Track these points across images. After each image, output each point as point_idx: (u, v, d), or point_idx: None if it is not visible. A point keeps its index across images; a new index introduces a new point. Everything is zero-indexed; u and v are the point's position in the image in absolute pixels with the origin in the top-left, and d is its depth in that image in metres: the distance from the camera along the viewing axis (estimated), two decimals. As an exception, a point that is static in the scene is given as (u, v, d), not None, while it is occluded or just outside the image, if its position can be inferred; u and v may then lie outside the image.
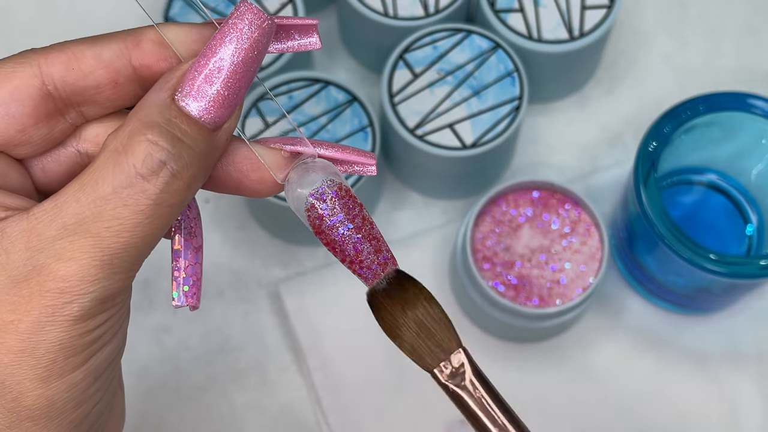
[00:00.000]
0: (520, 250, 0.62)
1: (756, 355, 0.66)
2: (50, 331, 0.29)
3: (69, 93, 0.32)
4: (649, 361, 0.65)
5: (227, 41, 0.30)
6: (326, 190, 0.33)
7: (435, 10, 0.65)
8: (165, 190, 0.29)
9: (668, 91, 0.72)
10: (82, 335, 0.30)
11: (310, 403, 0.65)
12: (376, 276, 0.34)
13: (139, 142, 0.29)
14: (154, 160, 0.29)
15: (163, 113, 0.30)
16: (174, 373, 0.65)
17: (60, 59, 0.31)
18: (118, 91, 0.32)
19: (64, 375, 0.30)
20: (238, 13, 0.31)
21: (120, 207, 0.29)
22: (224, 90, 0.31)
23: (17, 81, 0.31)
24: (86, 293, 0.29)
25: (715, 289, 0.61)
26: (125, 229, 0.29)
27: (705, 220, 0.65)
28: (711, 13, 0.75)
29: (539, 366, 0.65)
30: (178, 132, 0.30)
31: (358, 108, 0.63)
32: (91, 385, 0.31)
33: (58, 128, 0.33)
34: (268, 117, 0.62)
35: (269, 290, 0.67)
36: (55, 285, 0.29)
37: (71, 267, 0.29)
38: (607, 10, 0.65)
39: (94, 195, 0.29)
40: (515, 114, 0.62)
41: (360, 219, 0.33)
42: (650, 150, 0.57)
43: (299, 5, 0.65)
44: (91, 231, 0.29)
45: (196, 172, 0.30)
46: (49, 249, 0.29)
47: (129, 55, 0.32)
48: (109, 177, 0.29)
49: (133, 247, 0.29)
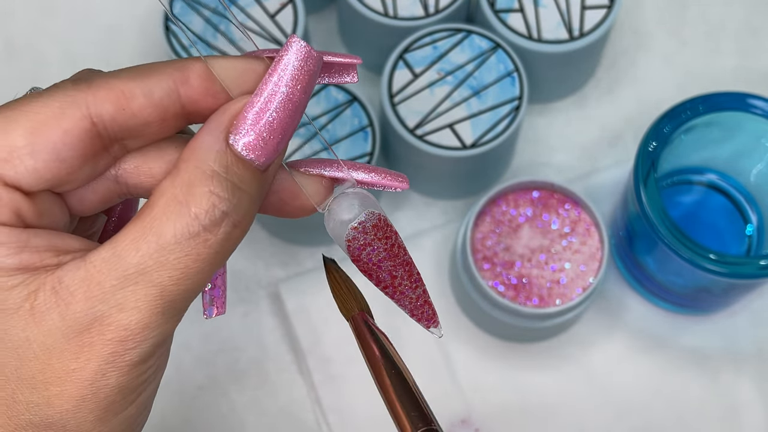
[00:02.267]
0: (520, 250, 0.62)
1: (756, 355, 0.66)
2: (110, 378, 0.29)
3: (117, 131, 0.31)
4: (649, 361, 0.65)
5: (279, 82, 0.30)
6: (366, 222, 0.34)
7: (435, 10, 0.65)
8: (227, 239, 0.30)
9: (668, 91, 0.72)
10: (139, 376, 0.30)
11: (310, 403, 0.65)
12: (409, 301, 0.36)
13: (202, 194, 0.29)
14: (217, 212, 0.30)
15: (221, 161, 0.30)
16: (174, 373, 0.65)
17: (109, 99, 0.30)
18: (165, 126, 0.32)
19: (120, 412, 0.30)
20: (291, 52, 0.30)
21: (183, 257, 0.29)
22: (277, 132, 0.31)
23: (67, 124, 0.30)
24: (147, 339, 0.30)
25: (715, 289, 0.61)
26: (187, 277, 0.30)
27: (705, 220, 0.65)
28: (711, 13, 0.75)
29: (539, 366, 0.65)
30: (236, 179, 0.30)
31: (358, 108, 0.63)
32: (140, 414, 0.32)
33: (102, 164, 0.32)
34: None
35: (269, 290, 0.67)
36: (117, 334, 0.29)
37: (134, 316, 0.29)
38: (607, 10, 0.65)
39: (156, 245, 0.29)
40: (515, 114, 0.62)
41: (396, 248, 0.35)
42: (650, 150, 0.57)
43: (299, 5, 0.65)
44: (153, 281, 0.29)
45: (252, 215, 0.31)
46: (110, 299, 0.29)
47: (178, 93, 0.31)
48: (171, 227, 0.29)
49: (192, 291, 0.30)
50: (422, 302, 0.36)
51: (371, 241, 0.34)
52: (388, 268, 0.35)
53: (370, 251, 0.34)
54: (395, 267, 0.35)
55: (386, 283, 0.35)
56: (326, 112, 0.63)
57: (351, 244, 0.34)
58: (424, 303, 0.36)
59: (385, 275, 0.35)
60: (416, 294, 0.36)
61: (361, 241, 0.34)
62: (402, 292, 0.36)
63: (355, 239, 0.34)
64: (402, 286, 0.35)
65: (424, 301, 0.36)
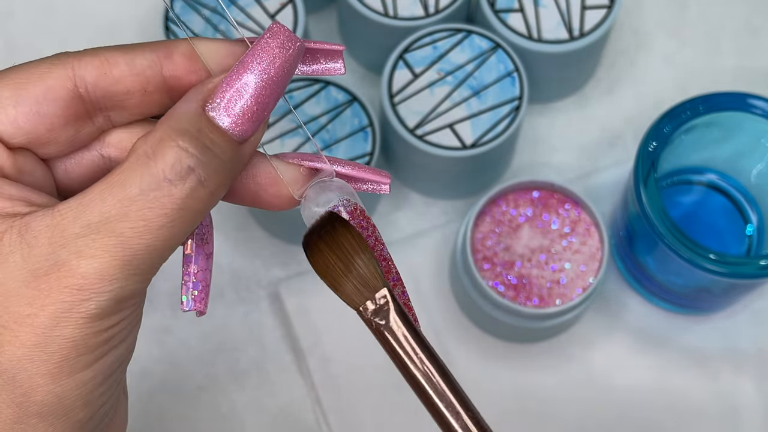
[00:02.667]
0: (520, 250, 0.62)
1: (756, 355, 0.66)
2: (65, 327, 0.29)
3: (99, 97, 0.33)
4: (649, 361, 0.65)
5: (259, 59, 0.31)
6: (341, 210, 0.33)
7: (435, 10, 0.65)
8: (191, 195, 0.30)
9: (668, 91, 0.72)
10: (96, 334, 0.30)
11: (310, 403, 0.65)
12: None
13: (169, 147, 0.30)
14: (183, 166, 0.30)
15: (193, 122, 0.31)
16: (174, 373, 0.65)
17: (93, 63, 0.32)
18: (147, 99, 0.33)
19: (74, 373, 0.30)
20: (271, 34, 0.32)
21: (146, 209, 0.29)
22: (253, 105, 0.32)
23: (51, 81, 0.32)
24: (104, 292, 0.29)
25: (715, 289, 0.61)
26: (148, 230, 0.30)
27: (705, 220, 0.65)
28: (711, 13, 0.75)
29: (539, 366, 0.65)
30: (207, 141, 0.31)
31: (358, 108, 0.63)
32: (100, 385, 0.31)
33: (84, 131, 0.33)
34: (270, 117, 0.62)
35: (269, 290, 0.67)
36: (74, 281, 0.29)
37: (92, 264, 0.29)
38: (607, 10, 0.65)
39: (121, 195, 0.30)
40: (515, 114, 0.62)
41: (372, 240, 0.34)
42: (650, 150, 0.57)
43: (299, 5, 0.65)
44: (114, 230, 0.29)
45: (221, 181, 0.31)
46: (71, 245, 0.29)
47: (160, 65, 0.33)
48: (137, 179, 0.30)
49: (153, 249, 0.30)
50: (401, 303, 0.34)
51: None
52: None
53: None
54: None
55: None
56: (326, 112, 0.63)
57: None
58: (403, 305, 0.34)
59: None
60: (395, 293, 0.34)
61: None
62: None
63: None
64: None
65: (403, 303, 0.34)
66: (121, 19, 0.74)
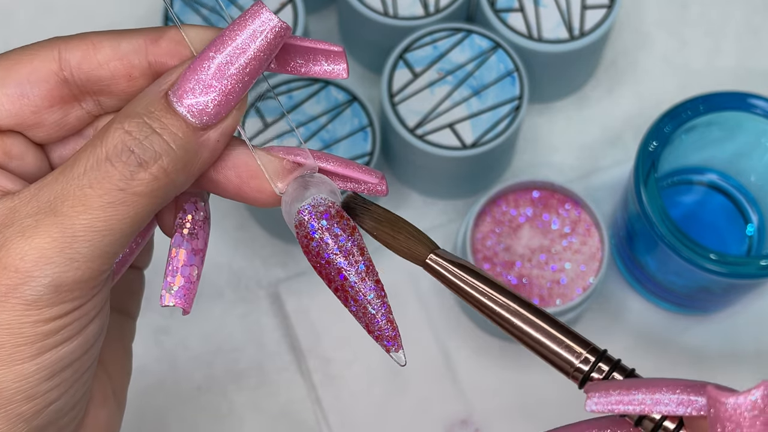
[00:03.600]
0: (520, 250, 0.62)
1: (755, 355, 0.66)
2: (1, 312, 0.29)
3: (84, 80, 0.32)
4: (649, 361, 0.65)
5: (225, 43, 0.31)
6: (317, 208, 0.32)
7: (435, 9, 0.65)
8: (130, 177, 0.30)
9: (668, 91, 0.72)
10: (35, 324, 0.29)
11: (310, 403, 0.65)
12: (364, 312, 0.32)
13: (115, 129, 0.30)
14: (123, 148, 0.30)
15: (147, 106, 0.31)
16: (173, 373, 0.65)
17: (79, 47, 0.32)
18: (133, 84, 0.33)
19: (11, 364, 0.29)
20: (247, 14, 0.31)
21: (86, 187, 0.29)
22: (219, 90, 0.30)
23: (36, 63, 0.32)
24: (40, 276, 0.29)
25: (715, 289, 0.61)
26: (87, 209, 0.29)
27: (705, 220, 0.65)
28: (711, 13, 0.75)
29: (539, 366, 0.65)
30: (156, 125, 0.30)
31: (358, 108, 0.63)
32: (45, 381, 0.30)
33: (73, 114, 0.33)
34: (267, 117, 0.62)
35: (269, 290, 0.67)
36: (12, 263, 0.29)
37: (29, 245, 0.29)
38: (607, 10, 0.65)
39: (69, 175, 0.30)
40: (515, 114, 0.62)
41: (351, 245, 0.31)
42: (650, 150, 0.57)
43: (299, 5, 0.65)
44: (56, 210, 0.29)
45: (167, 165, 0.30)
46: (17, 225, 0.29)
47: (146, 51, 0.32)
48: (83, 160, 0.30)
49: (94, 231, 0.29)
50: (381, 317, 0.32)
51: (322, 231, 0.31)
52: (340, 266, 0.31)
53: (320, 242, 0.31)
54: (345, 266, 0.31)
55: (337, 285, 0.31)
56: (326, 112, 0.63)
57: (298, 230, 0.32)
58: (385, 320, 0.32)
59: (335, 274, 0.31)
60: (372, 304, 0.31)
61: (309, 227, 0.31)
62: (355, 300, 0.31)
63: (302, 225, 0.31)
64: (355, 292, 0.31)
65: (385, 317, 0.32)
66: (120, 19, 0.74)
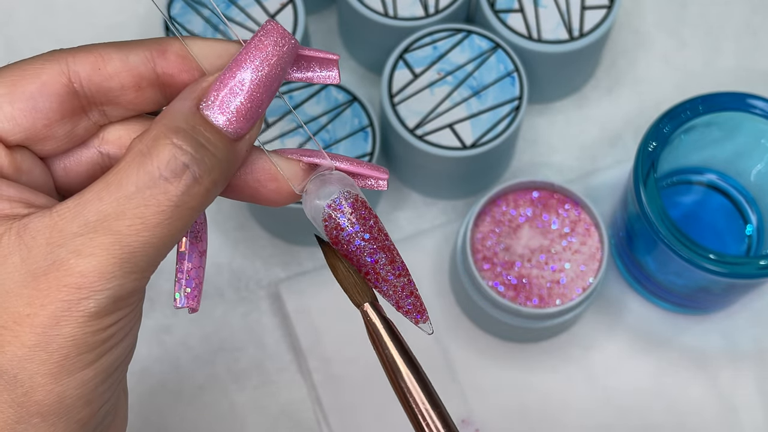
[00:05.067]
0: (520, 250, 0.62)
1: (755, 355, 0.66)
2: (65, 326, 0.29)
3: (94, 92, 0.33)
4: (649, 361, 0.65)
5: (253, 57, 0.32)
6: (343, 201, 0.34)
7: (435, 10, 0.65)
8: (186, 192, 0.30)
9: (668, 91, 0.72)
10: (96, 332, 0.30)
11: (310, 403, 0.65)
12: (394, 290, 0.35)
13: (164, 145, 0.30)
14: (178, 163, 0.30)
15: (188, 120, 0.31)
16: (174, 373, 0.65)
17: (87, 59, 0.33)
18: (141, 95, 0.33)
19: (75, 372, 0.30)
20: (264, 32, 0.32)
21: (142, 206, 0.30)
22: (247, 103, 0.32)
23: (45, 77, 0.32)
24: (103, 290, 0.29)
25: (715, 289, 0.61)
26: (146, 228, 0.30)
27: (705, 220, 0.65)
28: (711, 13, 0.75)
29: (539, 366, 0.65)
30: (201, 138, 0.31)
31: (358, 108, 0.63)
32: (101, 384, 0.31)
33: (81, 126, 0.34)
34: (268, 117, 0.62)
35: (269, 290, 0.67)
36: (73, 280, 0.29)
37: (90, 263, 0.29)
38: (606, 10, 0.65)
39: (117, 194, 0.30)
40: (515, 114, 0.62)
41: (376, 230, 0.34)
42: (650, 150, 0.57)
43: (299, 5, 0.65)
44: (112, 228, 0.29)
45: (216, 177, 0.31)
46: (69, 245, 0.29)
47: (154, 63, 0.33)
48: (133, 177, 0.30)
49: (151, 246, 0.30)
50: (408, 293, 0.35)
51: (349, 222, 0.34)
52: (369, 251, 0.34)
53: (350, 232, 0.34)
54: (375, 251, 0.34)
55: (368, 269, 0.35)
56: (326, 112, 0.63)
57: (327, 223, 0.34)
58: (410, 294, 0.35)
59: (367, 258, 0.34)
60: (400, 283, 0.35)
61: (338, 220, 0.34)
62: (385, 279, 0.35)
63: (331, 218, 0.34)
64: (385, 272, 0.35)
65: (410, 292, 0.35)
66: (121, 20, 0.74)
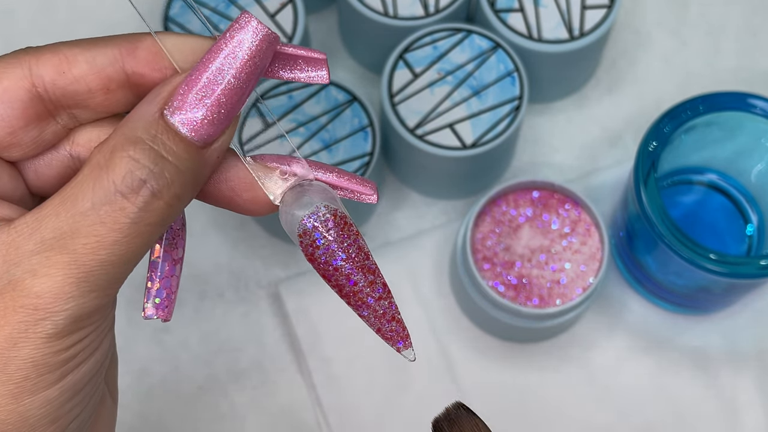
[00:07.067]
0: (520, 250, 0.62)
1: (756, 355, 0.66)
2: (22, 348, 0.28)
3: (59, 96, 0.31)
4: (649, 361, 0.65)
5: (223, 55, 0.29)
6: (320, 216, 0.31)
7: (435, 9, 0.65)
8: (144, 209, 0.28)
9: (668, 91, 0.72)
10: (57, 353, 0.29)
11: (310, 403, 0.65)
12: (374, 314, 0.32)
13: (120, 158, 0.28)
14: (134, 178, 0.28)
15: (148, 129, 0.29)
16: (174, 373, 0.65)
17: (51, 62, 0.31)
18: (111, 97, 0.31)
19: (37, 392, 0.29)
20: (237, 26, 0.29)
21: (97, 224, 0.28)
22: (217, 106, 0.29)
23: (6, 82, 0.30)
24: (60, 311, 0.28)
25: (715, 289, 0.61)
26: (102, 246, 0.28)
27: (705, 220, 0.65)
28: (711, 13, 0.75)
29: (539, 366, 0.65)
30: (162, 149, 0.29)
31: (358, 108, 0.63)
32: (68, 401, 0.30)
33: (49, 130, 0.32)
34: (268, 117, 0.62)
35: (269, 290, 0.67)
36: (29, 301, 0.28)
37: (45, 283, 0.28)
38: (607, 10, 0.65)
39: (73, 210, 0.28)
40: (515, 114, 0.62)
41: (355, 249, 0.32)
42: (650, 150, 0.57)
43: (299, 5, 0.65)
44: (67, 247, 0.28)
45: (179, 191, 0.29)
46: (25, 263, 0.28)
47: (123, 62, 0.31)
48: (89, 192, 0.28)
49: (110, 264, 0.29)
50: (389, 317, 0.32)
51: (326, 238, 0.31)
52: (346, 271, 0.31)
53: (326, 250, 0.31)
54: (354, 272, 0.31)
55: (345, 290, 0.32)
56: (326, 112, 0.63)
57: (303, 239, 0.32)
58: (392, 318, 0.32)
59: (343, 279, 0.32)
60: (381, 306, 0.32)
61: (313, 236, 0.31)
62: (365, 303, 0.32)
63: (307, 233, 0.31)
64: (363, 295, 0.32)
65: (392, 317, 0.32)
66: (120, 19, 0.74)
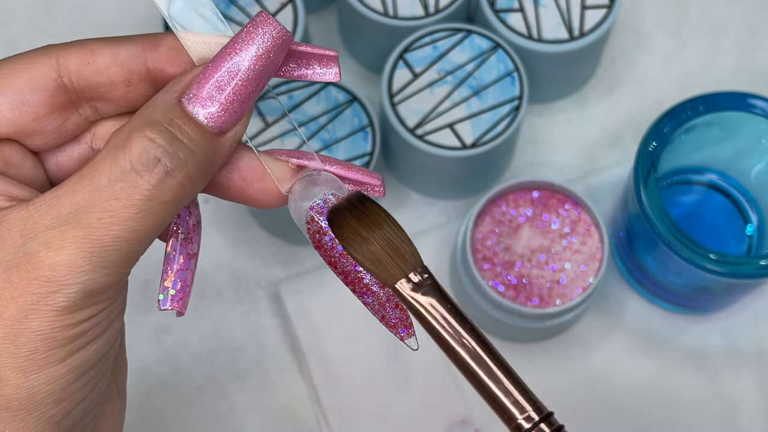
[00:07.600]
0: (520, 250, 0.62)
1: (756, 355, 0.66)
2: (33, 320, 0.29)
3: (83, 87, 0.33)
4: (649, 361, 0.65)
5: (240, 49, 0.31)
6: (327, 203, 0.32)
7: (435, 9, 0.65)
8: (157, 186, 0.30)
9: (668, 91, 0.72)
10: (66, 328, 0.29)
11: (310, 403, 0.65)
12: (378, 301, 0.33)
13: (137, 138, 0.30)
14: (149, 156, 0.30)
15: (165, 113, 0.30)
16: (174, 372, 0.65)
17: (77, 54, 0.32)
18: (132, 90, 0.33)
19: (45, 367, 0.29)
20: (254, 23, 0.32)
21: (112, 199, 0.29)
22: (232, 97, 0.31)
23: (34, 71, 0.32)
24: (72, 284, 0.29)
25: (715, 289, 0.61)
26: (116, 221, 0.29)
27: (705, 220, 0.65)
28: (711, 13, 0.75)
29: (539, 366, 0.65)
30: (178, 132, 0.30)
31: (358, 108, 0.63)
32: (74, 381, 0.30)
33: (71, 120, 0.33)
34: (268, 117, 0.62)
35: (269, 290, 0.67)
36: (43, 273, 0.29)
37: (59, 256, 0.29)
38: (607, 10, 0.65)
39: (90, 186, 0.29)
40: (515, 114, 0.62)
41: None
42: (650, 150, 0.57)
43: (299, 5, 0.65)
44: (82, 222, 0.29)
45: (191, 172, 0.31)
46: (41, 237, 0.29)
47: (144, 57, 0.33)
48: (106, 170, 0.30)
49: (123, 241, 0.30)
50: (394, 304, 0.33)
51: None
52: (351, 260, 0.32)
53: (332, 236, 0.32)
54: None
55: (351, 277, 0.33)
56: (326, 112, 0.63)
57: (310, 226, 0.32)
58: (395, 306, 0.33)
59: (349, 266, 0.33)
60: (386, 293, 0.33)
61: (320, 223, 0.32)
62: (369, 289, 0.33)
63: (314, 221, 0.32)
64: (369, 282, 0.33)
65: (395, 304, 0.33)
66: (120, 19, 0.74)
